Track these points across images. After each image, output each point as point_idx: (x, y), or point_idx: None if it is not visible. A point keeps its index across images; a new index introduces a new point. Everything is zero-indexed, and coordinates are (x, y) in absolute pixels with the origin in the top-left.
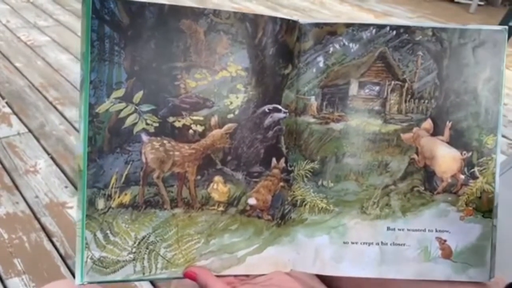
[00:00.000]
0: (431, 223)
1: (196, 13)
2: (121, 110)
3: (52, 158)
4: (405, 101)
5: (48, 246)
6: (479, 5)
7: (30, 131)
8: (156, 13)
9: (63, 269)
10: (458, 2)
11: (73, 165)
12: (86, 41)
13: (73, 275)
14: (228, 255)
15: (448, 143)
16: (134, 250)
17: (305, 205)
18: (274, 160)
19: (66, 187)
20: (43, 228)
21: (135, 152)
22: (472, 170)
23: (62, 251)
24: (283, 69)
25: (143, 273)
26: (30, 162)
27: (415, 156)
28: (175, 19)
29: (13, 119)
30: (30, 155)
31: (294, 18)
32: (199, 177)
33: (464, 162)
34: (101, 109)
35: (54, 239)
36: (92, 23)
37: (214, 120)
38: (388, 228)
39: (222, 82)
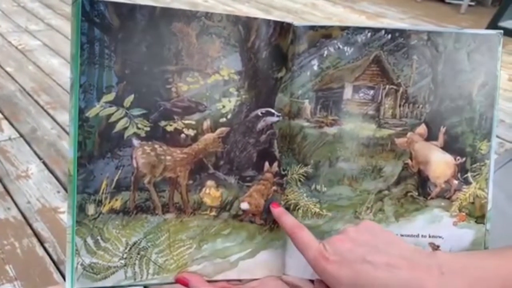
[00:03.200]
0: (425, 228)
1: (188, 16)
2: (112, 114)
3: (44, 163)
4: (400, 106)
5: (40, 251)
6: (469, 5)
7: (21, 135)
8: (147, 16)
9: (56, 275)
10: (449, 3)
11: (65, 170)
12: (75, 44)
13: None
14: (220, 260)
15: (442, 148)
16: (125, 256)
17: (298, 209)
18: (267, 164)
19: (58, 192)
20: (35, 234)
21: (126, 157)
22: (466, 175)
23: (54, 256)
24: (276, 72)
25: (135, 279)
26: (22, 167)
27: (409, 161)
28: (167, 22)
29: (4, 124)
30: (21, 160)
31: (288, 20)
32: (191, 181)
33: (457, 167)
34: (91, 113)
35: (47, 245)
36: (81, 25)
37: (206, 124)
38: None
39: (215, 85)
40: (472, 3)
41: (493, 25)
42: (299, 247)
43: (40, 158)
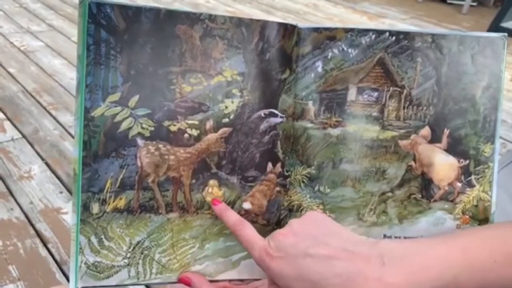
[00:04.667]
0: (428, 231)
1: (191, 18)
2: (117, 114)
3: (46, 163)
4: (404, 108)
5: (43, 252)
6: (471, 5)
7: (24, 136)
8: (152, 18)
9: (59, 275)
10: (450, 3)
11: (67, 171)
12: (82, 45)
13: (69, 280)
14: (222, 259)
15: (445, 150)
16: (128, 255)
17: (302, 210)
18: (270, 165)
19: (61, 192)
20: (38, 234)
21: (130, 156)
22: (469, 178)
23: (57, 257)
24: (280, 73)
25: (138, 278)
26: (24, 168)
27: (412, 163)
28: (171, 24)
29: (7, 125)
30: (24, 161)
31: (290, 21)
32: (194, 181)
33: (461, 170)
34: (96, 113)
35: (49, 245)
36: (88, 27)
37: (209, 124)
38: (385, 236)
39: (218, 86)
40: (474, 4)
41: (495, 25)
42: (244, 245)
43: (42, 159)
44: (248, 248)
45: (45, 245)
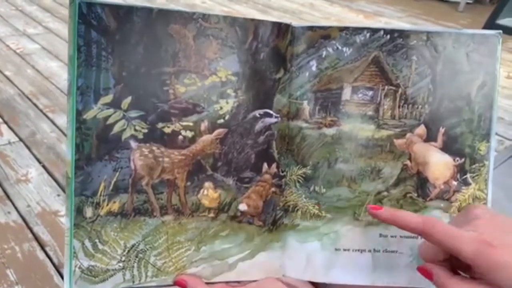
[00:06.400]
0: None
1: (185, 18)
2: (109, 116)
3: (43, 166)
4: (399, 107)
5: (41, 255)
6: (467, 3)
7: (21, 139)
8: (144, 18)
9: (57, 278)
10: (447, 1)
11: (64, 173)
12: (73, 46)
13: None
14: (219, 261)
15: (441, 149)
16: (123, 258)
17: (297, 210)
18: (265, 165)
19: (58, 195)
20: (36, 238)
21: (123, 159)
22: (465, 176)
23: (55, 260)
24: (274, 73)
25: (133, 282)
26: (22, 171)
27: (408, 162)
28: (164, 24)
29: (3, 128)
30: (21, 164)
31: (287, 21)
32: (189, 183)
33: (457, 168)
34: (88, 115)
35: (47, 248)
36: (78, 28)
37: (204, 125)
38: (381, 235)
39: (212, 87)
40: (470, 1)
41: (491, 22)
42: (444, 240)
43: (39, 162)
44: (455, 245)
45: (42, 248)
